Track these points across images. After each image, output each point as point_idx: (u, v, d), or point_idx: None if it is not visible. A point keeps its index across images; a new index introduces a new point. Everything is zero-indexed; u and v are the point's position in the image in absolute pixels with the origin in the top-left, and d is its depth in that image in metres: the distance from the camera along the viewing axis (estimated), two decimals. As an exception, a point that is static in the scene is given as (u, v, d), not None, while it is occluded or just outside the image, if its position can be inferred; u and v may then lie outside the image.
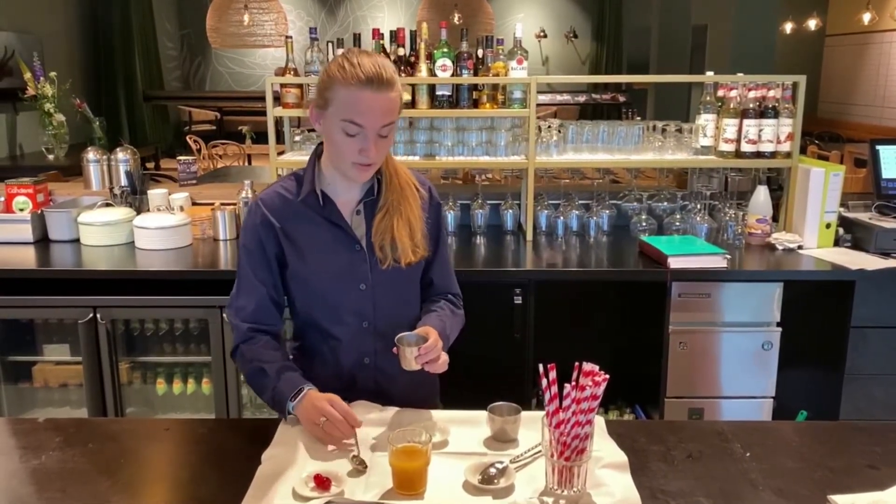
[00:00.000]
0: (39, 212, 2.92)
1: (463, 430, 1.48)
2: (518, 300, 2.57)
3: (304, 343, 1.70)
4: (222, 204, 2.95)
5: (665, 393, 2.63)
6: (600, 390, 1.24)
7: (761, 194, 2.84)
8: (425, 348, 1.47)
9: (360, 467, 1.34)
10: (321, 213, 1.59)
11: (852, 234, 2.83)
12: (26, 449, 1.43)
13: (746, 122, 2.81)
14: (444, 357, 1.51)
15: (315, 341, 1.67)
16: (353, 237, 1.59)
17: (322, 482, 1.26)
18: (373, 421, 1.50)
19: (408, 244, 1.58)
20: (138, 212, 2.96)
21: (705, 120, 2.91)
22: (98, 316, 2.54)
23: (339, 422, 1.40)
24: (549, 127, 2.99)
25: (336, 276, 1.60)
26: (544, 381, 1.28)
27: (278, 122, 2.98)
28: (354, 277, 1.60)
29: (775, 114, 2.80)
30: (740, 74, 2.91)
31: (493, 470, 1.31)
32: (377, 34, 2.92)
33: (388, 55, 2.95)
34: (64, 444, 1.45)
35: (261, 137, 7.15)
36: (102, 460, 1.39)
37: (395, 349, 1.49)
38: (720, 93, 2.94)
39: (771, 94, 2.81)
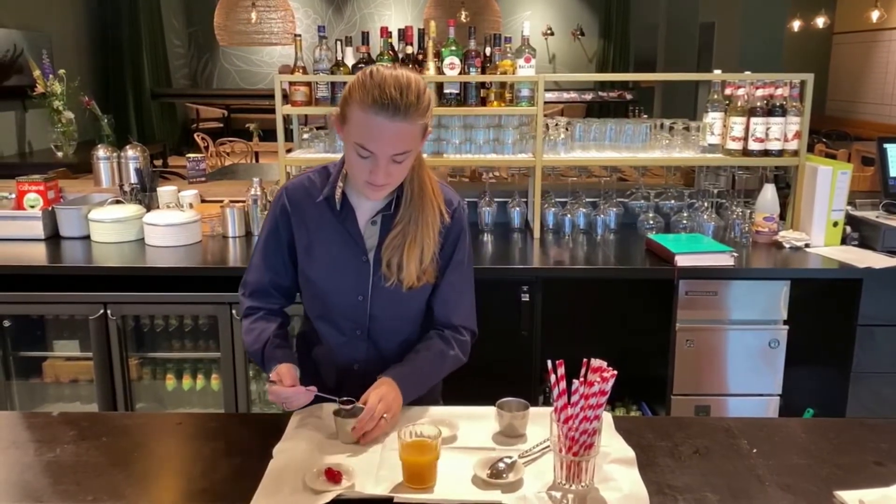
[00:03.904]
0: (50, 209, 2.94)
1: (472, 426, 1.49)
2: (525, 297, 2.58)
3: (304, 332, 1.73)
4: (231, 201, 2.97)
5: (671, 390, 2.64)
6: (608, 386, 1.25)
7: (768, 192, 2.84)
8: (360, 421, 1.40)
9: (346, 405, 1.45)
10: (336, 217, 1.58)
11: (860, 232, 2.83)
12: (41, 442, 1.45)
13: (754, 120, 2.81)
14: (382, 427, 1.42)
15: (311, 335, 1.70)
16: (362, 248, 1.57)
17: (333, 476, 1.28)
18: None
19: (414, 269, 1.54)
20: (148, 209, 2.98)
21: (713, 118, 2.91)
22: (108, 312, 2.56)
23: (293, 399, 1.48)
24: (557, 125, 2.99)
25: (336, 281, 1.60)
26: (553, 377, 1.29)
27: (287, 119, 3.00)
28: (354, 287, 1.59)
29: (783, 112, 2.80)
30: (748, 73, 2.91)
31: (501, 464, 1.32)
32: (385, 32, 2.94)
33: (396, 53, 2.96)
34: (78, 437, 1.46)
35: (268, 135, 7.18)
36: (116, 454, 1.41)
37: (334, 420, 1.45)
38: (728, 91, 2.94)
39: (779, 92, 2.81)
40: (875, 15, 7.63)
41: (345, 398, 1.47)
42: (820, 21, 8.58)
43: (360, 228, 1.58)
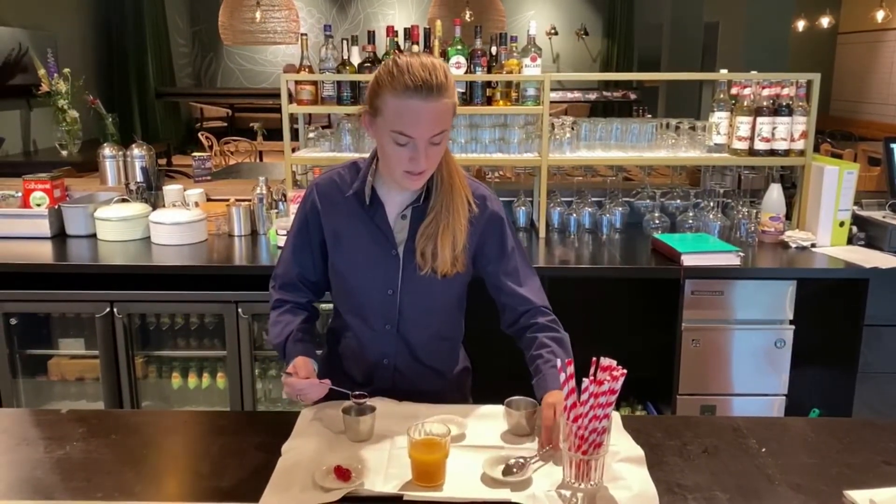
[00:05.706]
0: (56, 207, 2.95)
1: (480, 424, 1.50)
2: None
3: (334, 327, 1.74)
4: (237, 200, 2.97)
5: (677, 390, 2.64)
6: (618, 385, 1.25)
7: (774, 192, 2.83)
8: (553, 440, 1.37)
9: (359, 400, 1.46)
10: (366, 212, 1.59)
11: (866, 232, 2.83)
12: (51, 439, 1.45)
13: (760, 119, 2.81)
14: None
15: (342, 330, 1.70)
16: (391, 242, 1.58)
17: (342, 473, 1.28)
18: (391, 415, 1.52)
19: (448, 255, 1.55)
20: (154, 207, 2.98)
21: (719, 118, 2.91)
22: (115, 310, 2.56)
23: (308, 391, 1.49)
24: (563, 124, 2.99)
25: (366, 276, 1.60)
26: (562, 375, 1.29)
27: (292, 118, 3.00)
28: (384, 281, 1.59)
29: (789, 112, 2.80)
30: (754, 72, 2.90)
31: (511, 462, 1.32)
32: (391, 32, 2.94)
33: (401, 52, 2.96)
34: (87, 434, 1.47)
35: (272, 134, 7.18)
36: (125, 451, 1.42)
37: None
38: (733, 90, 2.94)
39: (785, 91, 2.81)
40: (880, 15, 7.63)
41: (357, 392, 1.47)
42: (825, 21, 8.58)
43: (390, 223, 1.58)
